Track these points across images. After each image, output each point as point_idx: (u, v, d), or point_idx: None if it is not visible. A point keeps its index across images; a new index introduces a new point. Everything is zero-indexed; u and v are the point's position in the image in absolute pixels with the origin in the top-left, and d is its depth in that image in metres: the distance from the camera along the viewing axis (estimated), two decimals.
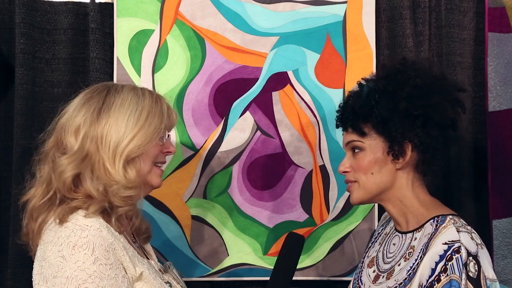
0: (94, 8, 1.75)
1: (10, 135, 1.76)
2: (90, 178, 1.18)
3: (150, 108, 1.24)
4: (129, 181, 1.19)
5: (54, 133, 1.23)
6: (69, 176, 1.16)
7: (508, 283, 1.76)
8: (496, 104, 1.78)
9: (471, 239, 1.19)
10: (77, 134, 1.19)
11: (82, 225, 1.11)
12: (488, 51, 1.79)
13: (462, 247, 1.17)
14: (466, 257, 1.16)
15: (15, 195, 1.71)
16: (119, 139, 1.19)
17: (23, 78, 1.74)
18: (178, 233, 1.77)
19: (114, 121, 1.20)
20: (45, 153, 1.23)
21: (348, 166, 1.34)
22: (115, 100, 1.22)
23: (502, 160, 1.77)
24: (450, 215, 1.25)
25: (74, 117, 1.21)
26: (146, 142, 1.22)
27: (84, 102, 1.22)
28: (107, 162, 1.18)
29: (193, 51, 1.78)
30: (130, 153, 1.20)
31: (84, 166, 1.18)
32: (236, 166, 1.78)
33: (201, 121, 1.78)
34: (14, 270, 1.72)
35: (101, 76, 1.74)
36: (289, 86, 1.79)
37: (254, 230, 1.79)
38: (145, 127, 1.22)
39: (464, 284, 1.15)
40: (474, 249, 1.18)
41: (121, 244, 1.15)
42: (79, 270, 1.07)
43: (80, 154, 1.18)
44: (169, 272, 1.33)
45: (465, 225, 1.23)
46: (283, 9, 1.79)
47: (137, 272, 1.16)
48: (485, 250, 1.21)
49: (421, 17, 1.81)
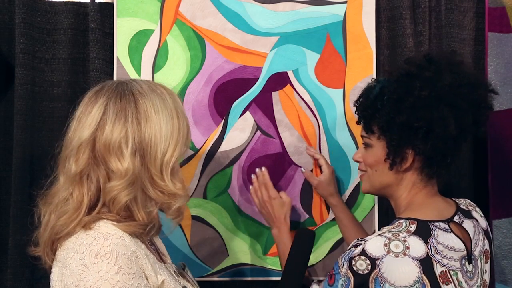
0: (94, 8, 1.75)
1: (10, 135, 1.76)
2: (144, 201, 1.13)
3: (175, 108, 1.17)
4: (181, 191, 1.16)
5: (84, 151, 1.11)
6: (125, 201, 1.11)
7: (508, 283, 1.76)
8: (496, 104, 1.77)
9: (384, 245, 1.20)
10: (121, 152, 1.10)
11: (105, 233, 1.09)
12: (488, 51, 1.79)
13: (361, 246, 1.20)
14: (358, 254, 1.19)
15: (15, 195, 1.71)
16: (165, 148, 1.12)
17: (23, 78, 1.74)
18: (178, 233, 1.77)
19: (157, 129, 1.12)
20: (77, 174, 1.11)
21: (360, 156, 1.43)
22: (147, 107, 1.12)
23: (502, 160, 1.77)
24: (407, 218, 1.26)
25: (111, 133, 1.10)
26: (187, 144, 1.18)
27: (116, 113, 1.11)
28: (156, 177, 1.12)
29: (193, 51, 1.78)
30: (176, 160, 1.14)
31: (136, 188, 1.11)
32: (236, 166, 1.78)
33: (201, 121, 1.78)
34: (14, 270, 1.72)
35: (101, 76, 1.74)
36: (289, 86, 1.79)
37: (254, 230, 1.78)
38: (181, 129, 1.16)
39: (344, 272, 1.19)
40: (376, 253, 1.19)
41: (143, 251, 1.13)
42: (102, 280, 1.04)
43: (131, 176, 1.10)
44: (183, 274, 1.31)
45: (404, 231, 1.22)
46: (283, 9, 1.79)
47: (159, 280, 1.13)
48: (406, 259, 1.19)
49: (421, 17, 1.81)
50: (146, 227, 1.14)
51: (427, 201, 1.34)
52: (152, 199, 1.14)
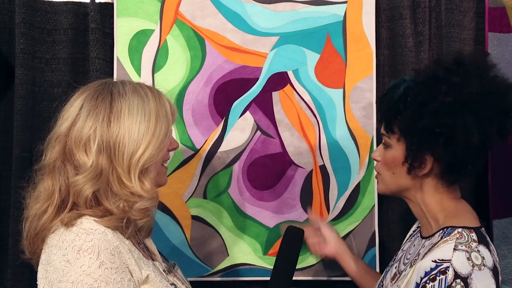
0: (94, 8, 1.75)
1: (10, 135, 1.76)
2: (108, 194, 1.14)
3: (156, 111, 1.18)
4: (147, 193, 1.16)
5: (58, 143, 1.16)
6: (88, 194, 1.13)
7: (508, 283, 1.76)
8: None
9: (467, 259, 1.13)
10: (87, 148, 1.13)
11: (87, 229, 1.10)
12: (488, 51, 1.79)
13: (450, 268, 1.12)
14: (452, 279, 1.11)
15: (15, 195, 1.71)
16: (133, 149, 1.14)
17: (23, 78, 1.74)
18: (178, 233, 1.77)
19: (126, 130, 1.14)
20: (49, 165, 1.17)
21: (378, 155, 1.36)
22: (122, 107, 1.15)
23: (502, 160, 1.77)
24: (461, 227, 1.19)
25: (81, 129, 1.14)
26: (160, 149, 1.18)
27: (89, 111, 1.15)
28: (123, 176, 1.14)
29: (193, 51, 1.78)
30: (145, 163, 1.15)
31: (101, 182, 1.13)
32: (236, 166, 1.78)
33: (201, 121, 1.78)
34: (14, 270, 1.72)
35: (101, 76, 1.74)
36: (289, 86, 1.79)
37: (254, 230, 1.78)
38: (157, 133, 1.17)
39: None
40: (466, 270, 1.12)
41: (127, 247, 1.14)
42: (84, 274, 1.06)
43: (95, 171, 1.12)
44: (173, 272, 1.32)
45: (471, 241, 1.17)
46: (283, 9, 1.79)
47: (143, 275, 1.15)
48: (486, 270, 1.14)
49: (421, 17, 1.81)
50: (122, 220, 1.15)
51: (460, 206, 1.28)
52: (116, 195, 1.15)
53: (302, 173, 1.79)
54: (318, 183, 1.79)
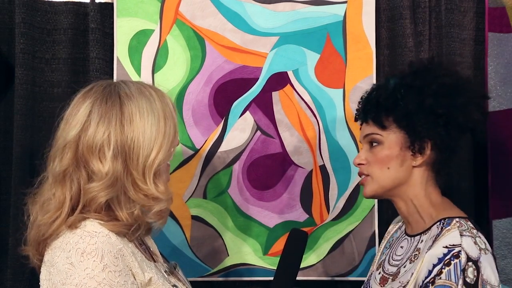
0: (94, 8, 1.75)
1: (10, 135, 1.76)
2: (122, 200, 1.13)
3: (163, 111, 1.17)
4: (162, 194, 1.16)
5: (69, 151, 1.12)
6: (102, 201, 1.11)
7: (508, 283, 1.76)
8: (496, 104, 1.78)
9: (474, 243, 1.17)
10: (102, 154, 1.10)
11: (91, 232, 1.09)
12: (488, 51, 1.79)
13: (462, 252, 1.15)
14: (465, 262, 1.15)
15: (15, 195, 1.71)
16: (148, 151, 1.13)
17: (23, 78, 1.74)
18: (178, 233, 1.77)
19: (140, 133, 1.12)
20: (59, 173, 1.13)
21: (364, 159, 1.34)
22: (133, 110, 1.13)
23: (502, 160, 1.77)
24: (457, 217, 1.24)
25: (94, 135, 1.11)
26: (171, 149, 1.18)
27: (101, 116, 1.12)
28: (138, 179, 1.12)
29: (193, 51, 1.78)
30: (160, 164, 1.14)
31: (117, 189, 1.12)
32: (236, 166, 1.78)
33: (201, 121, 1.78)
34: (14, 270, 1.72)
35: (101, 76, 1.74)
36: (289, 86, 1.79)
37: (254, 230, 1.79)
38: (167, 133, 1.16)
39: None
40: (475, 254, 1.16)
41: (130, 249, 1.13)
42: (88, 277, 1.05)
43: (110, 178, 1.10)
44: (175, 274, 1.32)
45: (471, 228, 1.21)
46: (283, 9, 1.79)
47: (146, 278, 1.14)
48: (489, 255, 1.19)
49: (421, 17, 1.81)
50: (130, 227, 1.14)
51: (446, 201, 1.31)
52: (133, 201, 1.14)
53: (302, 173, 1.79)
54: (318, 183, 1.79)
